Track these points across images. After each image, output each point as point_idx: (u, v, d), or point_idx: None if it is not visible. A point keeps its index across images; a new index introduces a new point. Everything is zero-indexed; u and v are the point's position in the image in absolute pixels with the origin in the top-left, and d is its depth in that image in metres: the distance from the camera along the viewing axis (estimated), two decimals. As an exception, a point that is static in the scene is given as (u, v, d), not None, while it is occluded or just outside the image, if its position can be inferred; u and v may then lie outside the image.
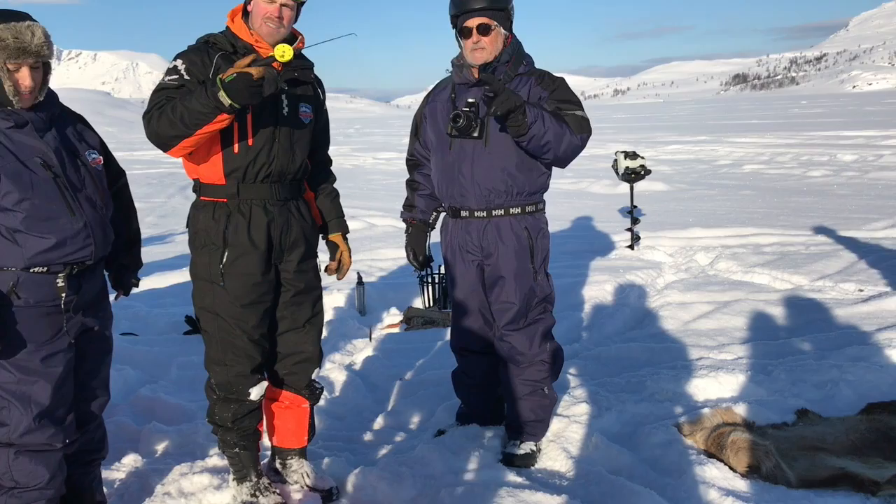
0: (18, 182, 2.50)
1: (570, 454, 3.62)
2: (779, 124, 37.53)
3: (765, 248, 8.34)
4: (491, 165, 3.41)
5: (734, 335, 5.41)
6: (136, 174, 19.98)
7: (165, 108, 2.77)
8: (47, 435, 2.68)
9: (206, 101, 2.68)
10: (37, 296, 2.60)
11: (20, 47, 2.48)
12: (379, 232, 9.99)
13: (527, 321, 3.56)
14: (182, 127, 2.74)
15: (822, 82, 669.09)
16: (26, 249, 2.54)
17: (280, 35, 2.96)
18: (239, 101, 2.66)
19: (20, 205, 2.51)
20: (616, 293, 6.64)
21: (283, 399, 3.33)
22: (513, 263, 3.50)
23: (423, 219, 3.83)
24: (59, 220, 2.58)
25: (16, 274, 2.56)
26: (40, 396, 2.65)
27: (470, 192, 3.47)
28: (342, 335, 5.63)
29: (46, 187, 2.56)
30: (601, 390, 4.28)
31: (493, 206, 3.47)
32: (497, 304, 3.58)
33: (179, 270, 7.49)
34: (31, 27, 2.52)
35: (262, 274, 3.04)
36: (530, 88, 3.42)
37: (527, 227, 3.50)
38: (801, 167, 17.55)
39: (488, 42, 3.35)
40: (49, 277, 2.61)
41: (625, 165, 8.20)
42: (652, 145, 25.15)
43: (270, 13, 2.90)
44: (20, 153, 2.54)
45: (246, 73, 2.64)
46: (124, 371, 4.62)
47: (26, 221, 2.52)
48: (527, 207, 3.51)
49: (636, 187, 8.56)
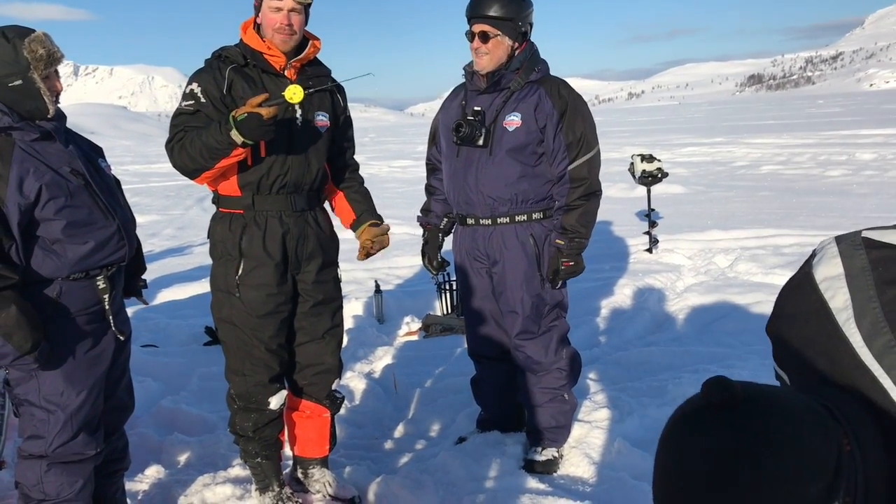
0: (58, 191, 2.55)
1: (592, 460, 3.60)
2: (795, 124, 37.25)
3: (784, 249, 8.26)
4: (495, 174, 3.40)
5: (755, 337, 5.35)
6: (154, 186, 20.10)
7: (185, 141, 2.83)
8: (81, 445, 2.70)
9: (220, 137, 2.73)
10: (79, 303, 2.65)
11: (52, 55, 2.58)
12: (395, 240, 9.94)
13: (540, 329, 3.54)
14: (201, 161, 2.82)
15: (839, 81, 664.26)
16: (66, 258, 2.59)
17: (294, 42, 2.98)
18: (251, 139, 2.72)
19: (61, 213, 2.55)
20: (635, 297, 6.60)
21: (304, 409, 3.33)
22: (519, 272, 3.48)
23: (437, 223, 3.84)
24: (95, 224, 2.65)
25: (58, 284, 2.61)
26: (83, 407, 2.68)
27: (475, 200, 3.47)
28: (361, 343, 5.63)
29: (80, 194, 2.63)
30: (622, 395, 4.26)
31: (497, 214, 3.46)
32: (506, 313, 3.57)
33: (198, 282, 7.52)
34: (46, 34, 2.60)
35: (277, 285, 3.05)
36: (539, 101, 3.37)
37: (532, 234, 3.47)
38: (819, 167, 17.39)
39: (487, 49, 3.34)
40: (89, 282, 2.67)
41: (641, 168, 8.16)
42: (668, 148, 25.02)
43: (280, 23, 2.92)
44: (52, 163, 2.59)
45: (257, 115, 2.67)
46: (145, 382, 4.64)
47: (67, 229, 2.57)
48: (533, 214, 3.48)
49: (653, 190, 8.52)
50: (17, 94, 2.54)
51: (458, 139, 3.39)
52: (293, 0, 2.90)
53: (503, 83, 3.41)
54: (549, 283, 3.48)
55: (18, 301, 2.45)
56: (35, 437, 2.66)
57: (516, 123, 3.37)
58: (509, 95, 3.41)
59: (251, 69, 2.97)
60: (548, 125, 3.36)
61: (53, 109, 2.63)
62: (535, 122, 3.36)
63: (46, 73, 2.58)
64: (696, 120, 54.25)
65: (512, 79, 3.41)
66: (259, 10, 2.98)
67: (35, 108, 2.58)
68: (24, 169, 2.50)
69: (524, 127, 3.36)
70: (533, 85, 3.41)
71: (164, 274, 8.28)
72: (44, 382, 2.62)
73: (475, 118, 3.40)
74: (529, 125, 3.36)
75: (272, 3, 2.90)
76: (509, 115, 3.38)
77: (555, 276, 3.45)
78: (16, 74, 2.53)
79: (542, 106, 3.36)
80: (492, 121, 3.40)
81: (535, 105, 3.37)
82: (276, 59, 2.97)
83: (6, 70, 2.52)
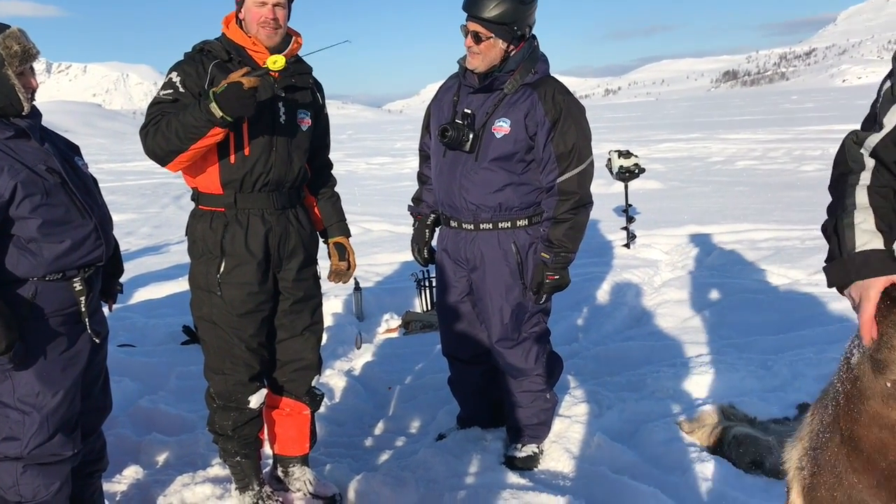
0: (34, 189, 2.52)
1: (572, 454, 3.62)
2: (770, 120, 37.62)
3: (760, 244, 8.34)
4: (480, 181, 3.31)
5: (733, 331, 5.41)
6: (130, 185, 19.91)
7: (160, 123, 2.78)
8: (58, 446, 2.67)
9: (198, 114, 2.68)
10: (55, 304, 2.61)
11: (26, 51, 2.54)
12: (374, 237, 9.97)
13: (520, 335, 3.49)
14: (176, 142, 2.75)
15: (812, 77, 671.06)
16: (42, 257, 2.55)
17: (279, 37, 2.96)
18: (231, 113, 2.66)
19: (37, 211, 2.51)
20: (613, 292, 6.64)
21: (284, 406, 3.31)
22: (499, 280, 3.41)
23: (428, 214, 3.75)
24: (72, 223, 2.61)
25: (34, 284, 2.57)
26: (60, 408, 2.64)
27: (459, 204, 3.39)
28: (341, 341, 5.61)
29: (56, 191, 2.58)
30: (602, 390, 4.28)
31: (480, 220, 3.37)
32: (485, 319, 3.53)
33: (175, 280, 7.46)
34: (22, 31, 2.56)
35: (259, 283, 3.03)
36: (531, 107, 3.23)
37: (515, 242, 3.37)
38: (793, 162, 17.58)
39: (479, 50, 3.22)
40: (65, 283, 2.63)
41: (619, 164, 8.20)
42: (645, 144, 25.18)
43: (265, 17, 2.89)
44: (27, 161, 2.55)
45: (237, 83, 2.63)
46: (122, 382, 4.59)
47: (43, 228, 2.53)
48: (518, 221, 3.37)
49: (630, 186, 8.57)
50: None
51: (443, 143, 3.31)
52: None
53: (496, 85, 3.29)
54: (534, 295, 3.40)
55: None
56: (10, 438, 2.62)
57: (504, 130, 3.25)
58: (501, 98, 3.28)
59: (234, 65, 2.93)
60: (539, 133, 3.24)
61: (28, 107, 2.59)
62: (524, 130, 3.24)
63: (21, 70, 2.55)
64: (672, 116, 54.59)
65: (506, 80, 3.27)
66: (242, 4, 2.94)
67: (8, 104, 2.54)
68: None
69: (512, 135, 3.24)
70: (527, 88, 3.26)
71: (141, 273, 8.20)
72: (19, 383, 2.58)
73: (464, 122, 3.29)
74: (518, 133, 3.24)
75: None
76: (498, 121, 3.25)
77: (539, 290, 3.36)
78: None
79: (534, 113, 3.23)
80: (481, 125, 3.28)
81: (526, 111, 3.23)
82: (259, 55, 2.95)
83: None
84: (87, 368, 2.82)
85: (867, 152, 1.96)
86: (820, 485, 1.72)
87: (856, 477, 1.64)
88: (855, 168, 1.97)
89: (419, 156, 3.83)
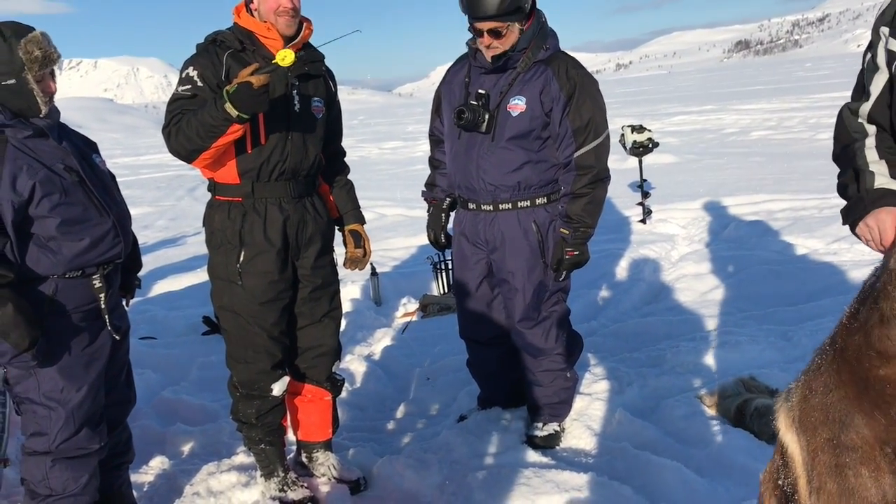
0: (52, 188, 2.55)
1: (594, 431, 3.62)
2: (785, 89, 37.18)
3: (777, 214, 8.28)
4: (498, 161, 3.31)
5: (752, 303, 5.39)
6: (144, 178, 20.01)
7: (181, 123, 2.81)
8: (84, 440, 2.71)
9: (216, 114, 2.70)
10: (75, 300, 2.65)
11: (47, 56, 2.55)
12: (389, 222, 9.98)
13: (540, 314, 3.50)
14: (198, 141, 2.78)
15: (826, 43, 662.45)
16: (62, 255, 2.59)
17: (295, 24, 2.96)
18: (245, 111, 2.68)
19: (55, 210, 2.55)
20: (631, 268, 6.62)
21: (306, 393, 3.34)
22: (520, 260, 3.41)
23: (443, 198, 3.74)
24: (90, 221, 2.64)
25: (54, 282, 2.60)
26: (84, 402, 2.69)
27: (477, 186, 3.38)
28: (360, 326, 5.64)
29: (74, 190, 2.61)
30: (621, 366, 4.28)
31: (499, 201, 3.37)
32: (507, 300, 3.53)
33: (194, 272, 7.51)
34: (45, 35, 2.58)
35: (279, 272, 3.05)
36: (546, 83, 3.22)
37: (535, 220, 3.38)
38: (809, 130, 17.38)
39: (500, 43, 3.19)
40: (85, 280, 2.66)
41: (632, 139, 8.15)
42: (658, 118, 24.97)
43: (283, 5, 2.89)
44: (45, 160, 2.58)
45: (246, 83, 2.64)
46: (145, 374, 4.65)
47: (62, 226, 2.56)
48: (537, 200, 3.37)
49: (644, 160, 8.51)
50: (8, 92, 2.53)
51: (460, 125, 3.29)
52: None
53: (510, 64, 3.26)
54: (554, 272, 3.42)
55: (14, 299, 2.45)
56: (38, 434, 2.67)
57: (520, 108, 3.24)
58: (515, 76, 3.26)
59: (248, 54, 2.94)
60: (554, 108, 3.23)
61: (46, 109, 2.61)
62: (540, 107, 3.23)
63: (41, 75, 2.56)
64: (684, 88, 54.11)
65: (519, 59, 3.25)
66: None
67: (26, 107, 2.56)
68: (17, 166, 2.49)
69: (528, 112, 3.23)
70: (540, 65, 3.25)
71: (160, 265, 8.26)
72: (43, 380, 2.63)
73: (478, 102, 3.28)
74: (534, 110, 3.23)
75: None
76: (513, 99, 3.24)
77: (559, 266, 3.38)
78: (9, 74, 2.51)
79: (549, 88, 3.22)
80: (496, 105, 3.28)
81: (540, 88, 3.22)
82: (272, 42, 2.95)
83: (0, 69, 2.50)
84: (110, 363, 2.86)
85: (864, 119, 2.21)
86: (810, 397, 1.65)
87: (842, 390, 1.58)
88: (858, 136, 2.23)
89: (430, 140, 3.82)
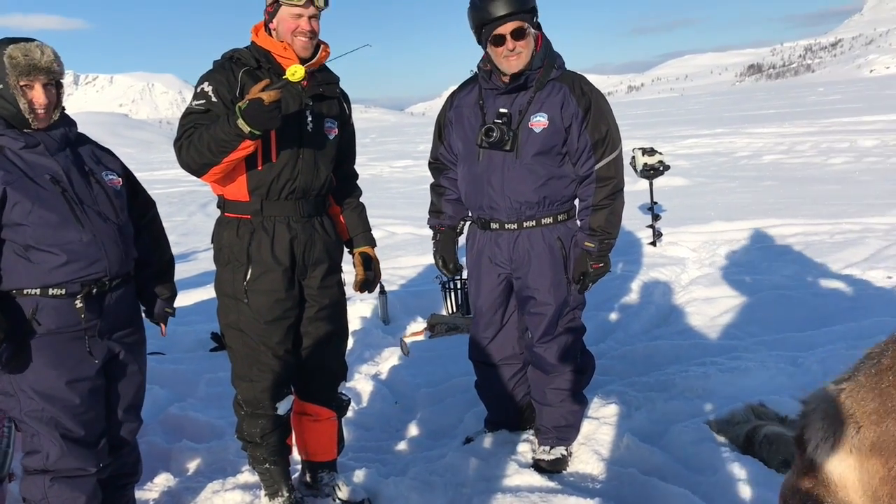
0: (24, 194, 2.55)
1: (601, 456, 3.59)
2: (796, 113, 37.14)
3: (789, 239, 8.24)
4: (522, 177, 3.33)
5: (762, 328, 5.35)
6: (157, 193, 19.97)
7: (193, 136, 2.82)
8: (79, 460, 2.70)
9: (228, 129, 2.71)
10: (57, 321, 2.62)
11: (31, 64, 2.55)
12: (399, 240, 9.99)
13: (557, 330, 3.49)
14: (209, 155, 2.79)
15: (839, 68, 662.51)
16: (40, 267, 2.58)
17: (312, 46, 2.98)
18: (257, 128, 2.69)
19: (28, 217, 2.55)
20: (640, 291, 6.59)
21: (312, 412, 3.33)
22: (546, 276, 3.42)
23: (451, 224, 3.73)
24: (67, 232, 2.61)
25: (34, 300, 2.59)
26: (67, 422, 2.67)
27: (500, 204, 3.39)
28: (367, 345, 5.63)
29: (54, 200, 2.60)
30: (630, 390, 4.25)
31: (524, 218, 3.39)
32: (530, 318, 3.52)
33: (203, 288, 7.52)
34: (40, 46, 2.59)
35: (285, 290, 3.05)
36: (564, 99, 3.29)
37: (559, 237, 3.42)
38: (821, 155, 17.35)
39: (524, 46, 3.23)
40: (67, 300, 2.63)
41: (643, 162, 8.14)
42: (669, 140, 24.98)
43: (301, 27, 2.92)
44: (30, 170, 2.59)
45: (257, 99, 2.65)
46: (153, 390, 4.64)
47: (36, 235, 2.56)
48: (559, 217, 3.42)
49: (655, 183, 8.51)
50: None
51: (488, 143, 3.31)
52: (314, 7, 2.90)
53: (526, 83, 3.31)
54: (577, 286, 3.43)
55: None
56: (32, 451, 2.68)
57: (543, 124, 3.29)
58: (533, 95, 3.32)
59: (263, 72, 2.96)
60: (573, 123, 3.29)
61: (34, 120, 2.60)
62: (561, 122, 3.29)
63: (25, 82, 2.56)
64: (696, 111, 54.13)
65: (534, 78, 3.31)
66: (273, 16, 2.95)
67: (14, 114, 2.57)
68: None
69: (551, 127, 3.29)
70: (555, 83, 3.32)
71: (169, 281, 8.26)
72: (23, 399, 2.63)
73: (502, 121, 3.32)
74: (556, 125, 3.29)
75: (293, 10, 2.89)
76: (535, 116, 3.29)
77: (583, 279, 3.40)
78: None
79: (568, 104, 3.28)
80: (517, 123, 3.32)
81: (560, 104, 3.29)
82: (288, 62, 2.96)
83: None
84: (112, 385, 2.85)
85: None
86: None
87: None
88: None
89: (431, 168, 3.81)
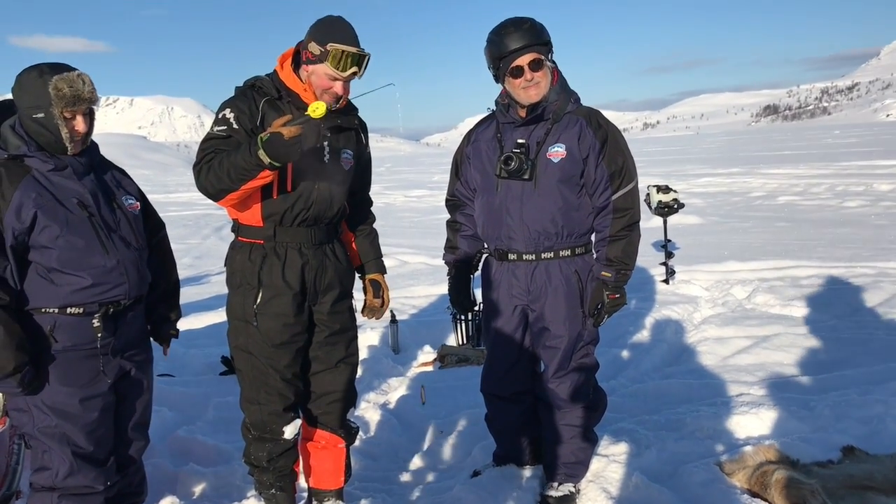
0: (54, 218, 2.60)
1: (610, 495, 3.55)
2: (812, 154, 37.15)
3: (802, 281, 8.20)
4: (541, 207, 3.34)
5: (774, 370, 5.30)
6: (172, 216, 20.27)
7: (213, 162, 2.85)
8: (89, 478, 2.70)
9: (248, 158, 2.74)
10: (73, 338, 2.66)
11: (76, 95, 2.62)
12: (411, 269, 10.00)
13: (570, 365, 3.48)
14: (228, 182, 2.81)
15: (855, 112, 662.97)
16: (62, 288, 2.61)
17: (335, 104, 3.01)
18: (277, 160, 2.72)
19: (56, 241, 2.59)
20: (652, 329, 6.56)
21: (319, 439, 3.32)
22: (562, 308, 3.41)
23: (466, 260, 3.75)
24: (92, 257, 2.66)
25: (53, 317, 2.62)
26: (79, 439, 2.68)
27: (518, 235, 3.40)
28: (376, 374, 5.61)
29: (81, 225, 2.65)
30: (640, 428, 4.21)
31: (542, 249, 3.40)
32: (545, 352, 3.51)
33: (215, 311, 7.55)
34: (82, 76, 2.65)
35: (294, 315, 3.06)
36: (581, 131, 3.32)
37: (577, 269, 3.42)
38: (836, 197, 17.32)
39: (542, 76, 3.28)
40: (85, 319, 2.67)
41: (657, 199, 8.15)
42: (684, 178, 25.01)
43: (335, 90, 2.97)
44: (58, 193, 2.64)
45: (278, 133, 2.69)
46: (161, 412, 4.64)
47: (61, 258, 2.60)
48: (576, 249, 3.42)
49: (669, 221, 8.50)
50: (38, 125, 2.62)
51: (507, 172, 3.33)
52: (351, 73, 2.94)
53: (544, 115, 3.36)
54: (592, 318, 3.42)
55: (5, 321, 2.50)
56: (42, 468, 2.69)
57: (561, 154, 3.32)
58: (550, 126, 3.36)
59: (283, 103, 3.00)
60: (590, 155, 3.32)
61: (72, 147, 2.67)
62: (578, 153, 3.32)
63: (71, 113, 2.63)
64: (711, 150, 54.20)
65: (552, 110, 3.36)
66: (310, 62, 2.96)
67: (53, 141, 2.64)
68: (26, 195, 2.57)
69: (569, 157, 3.32)
70: (572, 116, 3.37)
71: (181, 303, 8.29)
72: (37, 415, 2.65)
73: (521, 151, 3.35)
74: (574, 155, 3.32)
75: (331, 72, 2.92)
76: (553, 147, 3.33)
77: (599, 311, 3.39)
78: (39, 108, 2.60)
79: (585, 136, 3.32)
80: (535, 153, 3.35)
81: (577, 135, 3.32)
82: (308, 96, 3.00)
83: (32, 102, 2.60)
84: (124, 404, 2.86)
85: None
86: None
87: None
88: None
89: (448, 205, 3.82)
